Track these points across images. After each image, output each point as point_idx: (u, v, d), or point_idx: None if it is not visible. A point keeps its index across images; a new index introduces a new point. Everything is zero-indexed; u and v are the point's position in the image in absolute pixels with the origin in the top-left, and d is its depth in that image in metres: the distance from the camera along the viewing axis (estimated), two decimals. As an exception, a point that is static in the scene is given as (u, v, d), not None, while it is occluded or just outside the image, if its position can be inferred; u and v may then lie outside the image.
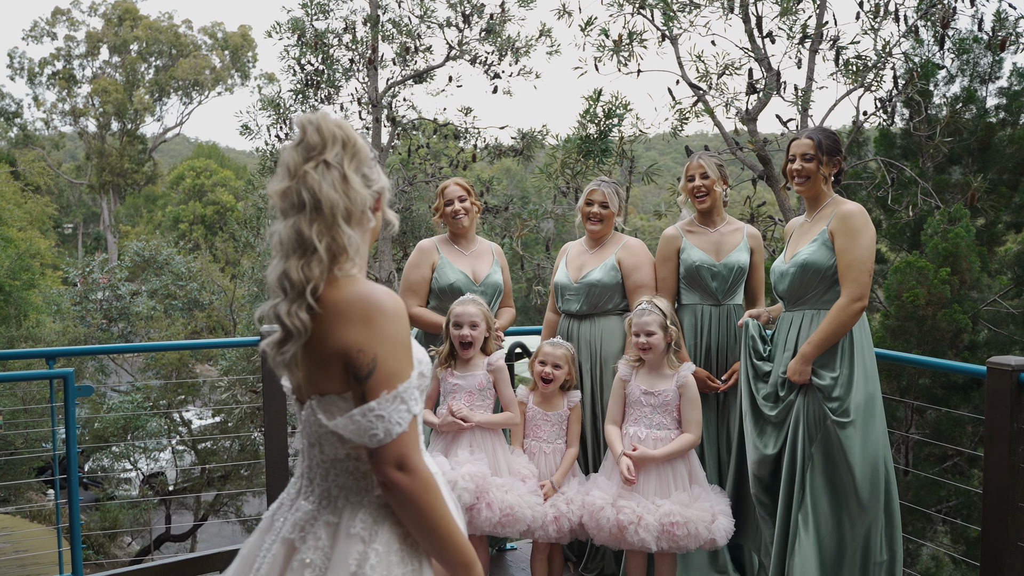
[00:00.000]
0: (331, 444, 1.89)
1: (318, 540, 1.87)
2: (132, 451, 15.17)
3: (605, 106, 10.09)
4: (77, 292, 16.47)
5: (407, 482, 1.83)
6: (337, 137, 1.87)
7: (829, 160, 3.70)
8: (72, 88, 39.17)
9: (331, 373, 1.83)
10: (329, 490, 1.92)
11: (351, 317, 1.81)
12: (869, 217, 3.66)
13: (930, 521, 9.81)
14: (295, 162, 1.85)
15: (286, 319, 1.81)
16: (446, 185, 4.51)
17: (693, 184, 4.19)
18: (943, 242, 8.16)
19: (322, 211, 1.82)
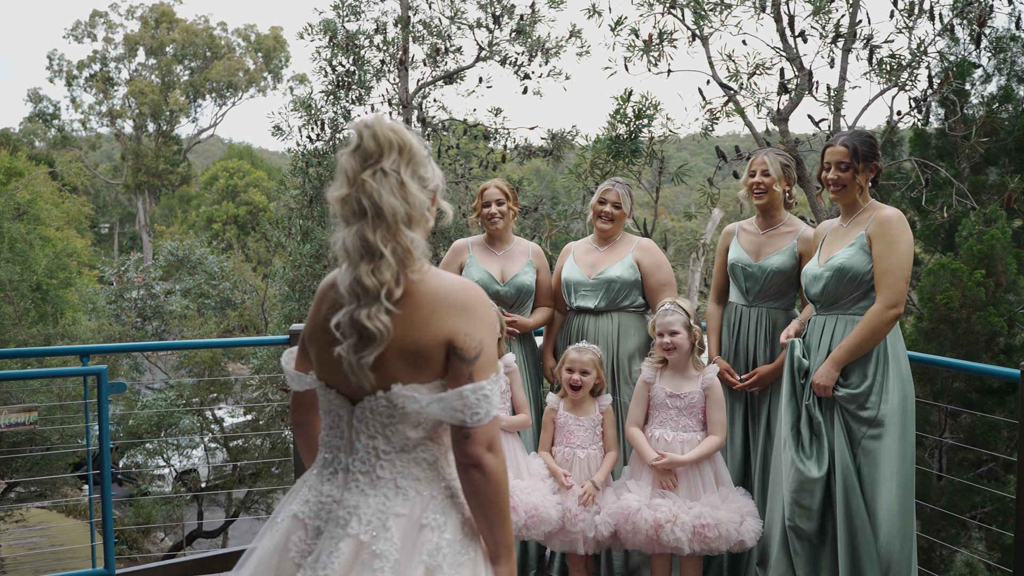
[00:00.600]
0: (399, 434, 1.96)
1: (390, 532, 1.91)
2: (165, 448, 15.37)
3: (635, 106, 10.05)
4: (112, 291, 16.74)
5: (494, 463, 1.93)
6: (393, 143, 1.92)
7: (865, 167, 3.63)
8: (109, 90, 39.77)
9: (428, 361, 1.92)
10: (396, 481, 1.96)
11: (453, 306, 1.92)
12: (907, 223, 3.60)
13: (964, 527, 9.66)
14: (353, 169, 1.91)
15: (367, 323, 1.87)
16: (487, 186, 4.51)
17: (753, 180, 4.15)
18: (978, 244, 8.03)
19: (384, 218, 1.89)
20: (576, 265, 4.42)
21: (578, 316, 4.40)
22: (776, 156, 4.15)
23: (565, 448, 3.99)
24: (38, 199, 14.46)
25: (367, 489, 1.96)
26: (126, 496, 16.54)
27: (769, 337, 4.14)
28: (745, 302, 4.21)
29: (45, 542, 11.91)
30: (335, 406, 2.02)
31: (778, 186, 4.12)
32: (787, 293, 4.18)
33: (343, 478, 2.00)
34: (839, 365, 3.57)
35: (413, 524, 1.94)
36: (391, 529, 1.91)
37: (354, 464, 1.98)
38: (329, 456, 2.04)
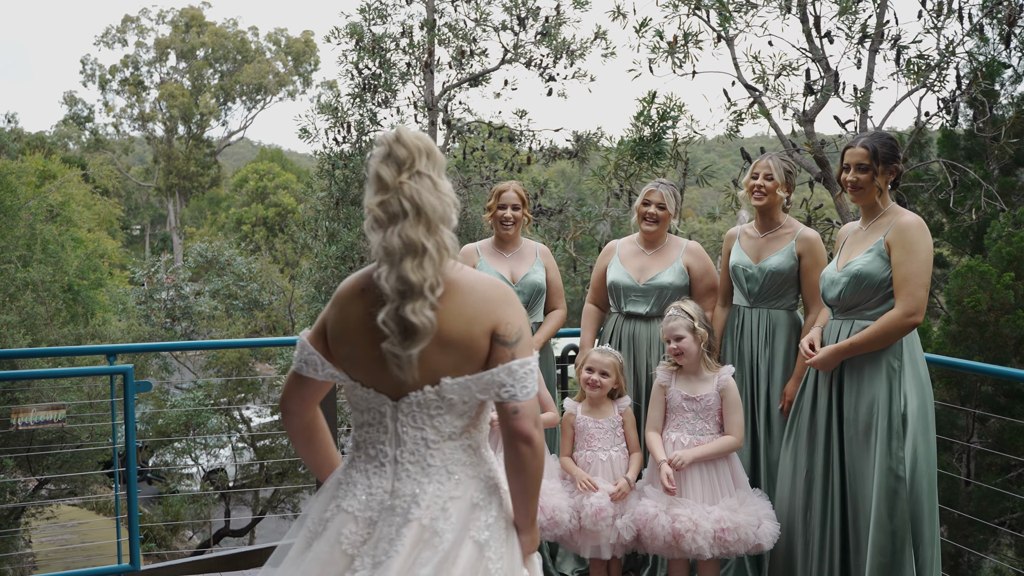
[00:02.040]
0: (447, 423, 2.11)
1: (447, 514, 2.08)
2: (193, 447, 15.55)
3: (659, 108, 10.04)
4: (142, 292, 16.97)
5: (541, 438, 2.11)
6: (422, 149, 2.08)
7: (885, 169, 3.57)
8: (141, 93, 40.30)
9: (476, 351, 2.07)
10: (447, 467, 2.12)
11: (495, 298, 2.09)
12: (927, 229, 3.56)
13: (993, 533, 9.53)
14: (390, 175, 2.05)
15: (413, 318, 1.99)
16: (504, 189, 4.52)
17: (755, 182, 4.18)
18: (1007, 246, 7.93)
19: (425, 215, 2.03)
20: (624, 268, 4.41)
21: (628, 321, 4.41)
22: (780, 162, 4.18)
23: (587, 452, 3.98)
24: (70, 201, 14.70)
25: (420, 478, 2.10)
26: (155, 495, 16.74)
27: (770, 337, 4.17)
28: (747, 303, 4.25)
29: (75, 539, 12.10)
30: (375, 404, 2.13)
31: (780, 191, 4.15)
32: (787, 293, 4.21)
33: (392, 469, 2.12)
34: (841, 355, 3.55)
35: (467, 505, 2.10)
36: (450, 511, 2.08)
37: (403, 456, 2.12)
38: (372, 451, 2.15)
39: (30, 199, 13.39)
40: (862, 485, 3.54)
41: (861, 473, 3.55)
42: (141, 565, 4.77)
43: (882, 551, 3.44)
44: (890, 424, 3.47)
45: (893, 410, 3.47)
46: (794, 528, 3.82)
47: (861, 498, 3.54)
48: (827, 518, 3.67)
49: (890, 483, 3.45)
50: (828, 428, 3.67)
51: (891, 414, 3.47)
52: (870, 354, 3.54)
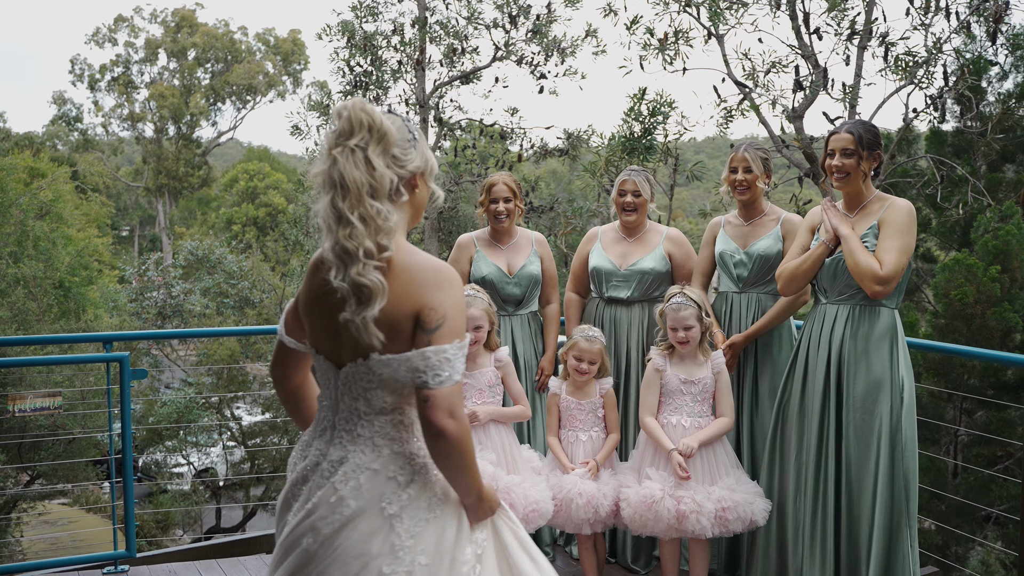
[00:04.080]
0: (378, 397, 2.15)
1: (358, 483, 2.12)
2: (184, 445, 15.54)
3: (649, 104, 10.11)
4: (133, 290, 16.95)
5: (456, 428, 2.07)
6: (364, 123, 2.08)
7: (869, 155, 3.63)
8: (131, 93, 40.16)
9: (399, 332, 2.08)
10: (374, 439, 2.16)
11: (425, 281, 2.08)
12: (915, 214, 3.63)
13: (980, 524, 9.63)
14: (328, 146, 2.09)
15: (361, 279, 2.03)
16: (494, 182, 4.54)
17: (735, 177, 4.22)
18: (993, 240, 8.03)
19: (348, 189, 2.06)
20: (606, 254, 4.47)
21: (609, 306, 4.48)
22: (756, 152, 4.22)
23: (568, 431, 4.09)
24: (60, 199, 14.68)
25: (348, 445, 2.16)
26: (145, 494, 16.71)
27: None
28: (736, 289, 4.30)
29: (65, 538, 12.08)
30: (324, 370, 2.21)
31: (761, 181, 4.20)
32: None
33: (330, 435, 2.21)
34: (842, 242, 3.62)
35: (383, 478, 2.13)
36: (361, 480, 2.11)
37: (339, 423, 2.19)
38: (321, 415, 2.26)
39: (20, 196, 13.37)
40: (863, 465, 3.59)
41: (862, 453, 3.60)
42: (137, 552, 4.79)
43: (886, 525, 3.53)
44: (891, 402, 3.54)
45: (895, 389, 3.54)
46: (784, 510, 3.88)
47: (862, 476, 3.59)
48: (819, 498, 3.72)
49: (895, 458, 3.53)
50: (824, 409, 3.72)
51: (892, 393, 3.54)
52: (873, 334, 3.60)
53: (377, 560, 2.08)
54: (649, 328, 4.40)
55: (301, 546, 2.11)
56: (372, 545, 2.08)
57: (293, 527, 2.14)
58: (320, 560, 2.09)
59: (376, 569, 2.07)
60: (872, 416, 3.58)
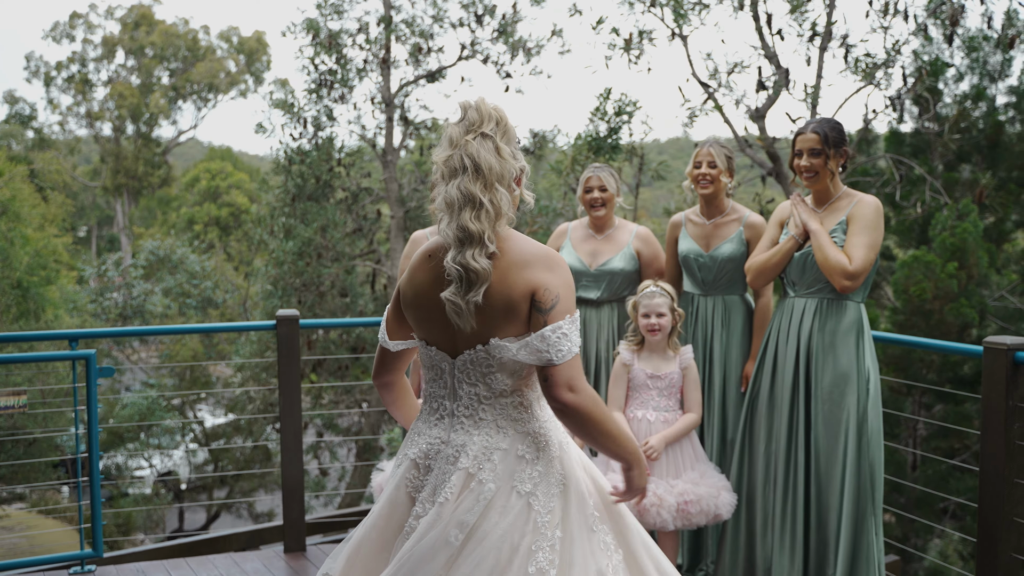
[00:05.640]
0: (498, 380, 2.26)
1: (493, 465, 2.23)
2: (146, 448, 15.34)
3: (615, 104, 10.19)
4: (93, 290, 16.67)
5: (576, 400, 2.17)
6: (492, 116, 2.25)
7: (836, 152, 3.69)
8: (88, 91, 39.49)
9: (516, 315, 2.20)
10: (497, 421, 2.27)
11: (537, 264, 2.19)
12: (882, 210, 3.70)
13: (939, 516, 9.83)
14: (458, 134, 2.23)
15: (472, 263, 2.14)
16: None
17: (699, 171, 4.23)
18: (951, 237, 8.21)
19: (482, 172, 2.19)
20: (576, 253, 4.44)
21: (578, 307, 4.41)
22: (720, 148, 4.23)
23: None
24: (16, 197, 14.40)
25: (471, 429, 2.27)
26: (106, 497, 16.47)
27: (727, 321, 4.26)
28: (700, 291, 4.32)
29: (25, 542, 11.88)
30: (437, 361, 2.31)
31: (724, 176, 4.21)
32: (740, 279, 4.27)
33: (449, 422, 2.31)
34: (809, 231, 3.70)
35: (512, 457, 2.24)
36: (494, 460, 2.23)
37: (458, 409, 2.30)
38: (435, 404, 2.35)
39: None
40: (831, 455, 3.67)
41: (830, 444, 3.67)
42: (103, 552, 4.74)
43: (853, 514, 3.61)
44: (858, 393, 3.63)
45: (861, 381, 3.63)
46: (754, 501, 3.95)
47: (831, 467, 3.66)
48: (789, 489, 3.79)
49: (862, 448, 3.62)
50: (793, 401, 3.79)
51: (859, 385, 3.63)
52: (840, 327, 3.68)
53: (524, 540, 2.16)
54: (619, 328, 4.38)
55: (446, 540, 2.16)
56: (516, 525, 2.17)
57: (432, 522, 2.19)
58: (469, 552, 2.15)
59: (525, 548, 2.16)
60: (839, 408, 3.65)
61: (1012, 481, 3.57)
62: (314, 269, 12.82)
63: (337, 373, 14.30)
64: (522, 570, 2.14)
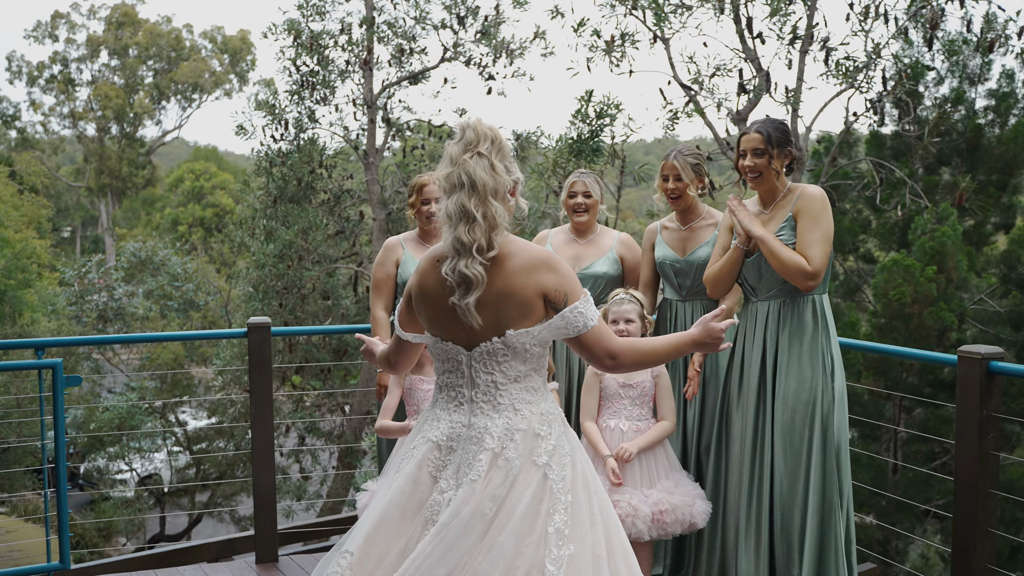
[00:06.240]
0: (512, 368, 2.54)
1: (516, 443, 2.50)
2: (127, 452, 15.20)
3: (597, 106, 10.15)
4: (73, 293, 16.50)
5: (615, 365, 2.55)
6: (488, 135, 2.50)
7: (780, 152, 3.65)
8: (71, 91, 39.18)
9: (532, 311, 2.50)
10: (514, 404, 2.54)
11: (541, 268, 2.49)
12: (829, 203, 3.67)
13: (919, 519, 9.85)
14: (456, 153, 2.49)
15: (466, 271, 2.42)
16: (425, 183, 4.41)
17: (667, 185, 4.18)
18: (930, 241, 8.22)
19: (476, 188, 2.44)
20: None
21: None
22: (685, 159, 4.16)
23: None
24: (-3, 200, 14.26)
25: (491, 413, 2.54)
26: (87, 501, 16.31)
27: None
28: (679, 297, 4.29)
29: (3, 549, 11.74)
30: (452, 353, 2.57)
31: (692, 189, 4.16)
32: None
33: (469, 408, 2.57)
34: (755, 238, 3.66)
35: (531, 435, 2.51)
36: (516, 439, 2.50)
37: (477, 395, 2.56)
38: (452, 393, 2.61)
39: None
40: (797, 454, 3.62)
41: (796, 442, 3.63)
42: (71, 564, 4.66)
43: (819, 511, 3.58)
44: (823, 389, 3.59)
45: (826, 377, 3.60)
46: (728, 509, 3.91)
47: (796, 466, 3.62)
48: (753, 490, 3.75)
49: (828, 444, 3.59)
50: (759, 403, 3.75)
51: (824, 381, 3.60)
52: (804, 325, 3.64)
53: (543, 504, 2.45)
54: None
55: (481, 512, 2.42)
56: (536, 494, 2.45)
57: (466, 497, 2.44)
58: (501, 522, 2.42)
59: (544, 512, 2.45)
60: (805, 407, 3.61)
61: (986, 491, 3.55)
62: (295, 272, 12.73)
63: (320, 376, 14.21)
64: (543, 530, 2.43)
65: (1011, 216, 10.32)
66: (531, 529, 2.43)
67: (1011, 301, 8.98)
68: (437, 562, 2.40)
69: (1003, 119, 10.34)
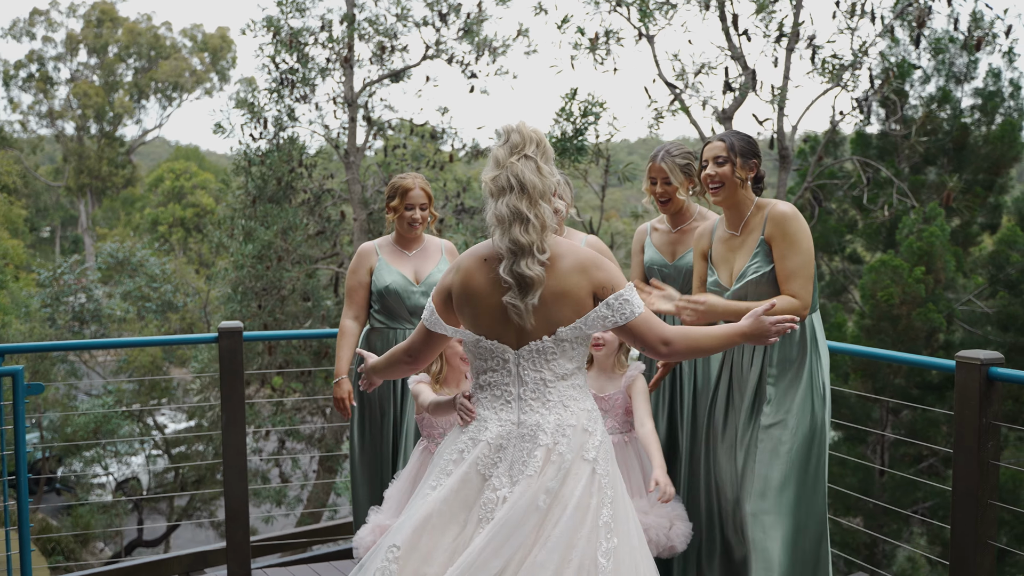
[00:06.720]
0: (559, 366, 2.59)
1: (568, 438, 2.56)
2: (104, 456, 14.93)
3: (581, 105, 10.00)
4: (48, 294, 16.18)
5: (670, 350, 2.60)
6: (533, 138, 2.58)
7: (744, 163, 3.40)
8: (49, 90, 38.72)
9: (583, 308, 2.56)
10: (563, 401, 2.60)
11: (589, 265, 2.56)
12: (801, 216, 3.42)
13: (906, 522, 9.77)
14: (503, 156, 2.56)
15: (527, 271, 2.47)
16: (409, 187, 4.16)
17: (655, 189, 3.95)
18: (918, 241, 8.12)
19: (527, 191, 2.51)
20: None
21: None
22: (674, 160, 3.90)
23: None
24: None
25: (541, 410, 2.58)
26: (64, 505, 16.04)
27: None
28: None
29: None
30: (497, 352, 2.60)
31: (681, 192, 3.90)
32: None
33: (517, 405, 2.61)
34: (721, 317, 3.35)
35: (580, 430, 2.58)
36: (568, 435, 2.56)
37: (525, 393, 2.60)
38: (497, 392, 2.64)
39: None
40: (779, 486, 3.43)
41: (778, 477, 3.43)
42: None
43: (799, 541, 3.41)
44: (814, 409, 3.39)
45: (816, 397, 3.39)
46: (713, 531, 3.74)
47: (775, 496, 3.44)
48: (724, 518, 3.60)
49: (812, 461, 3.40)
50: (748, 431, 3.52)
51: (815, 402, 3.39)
52: (794, 346, 3.42)
53: (593, 499, 2.52)
54: None
55: (536, 505, 2.48)
56: (586, 488, 2.52)
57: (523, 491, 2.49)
58: (555, 515, 2.48)
59: (595, 506, 2.51)
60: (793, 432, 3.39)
61: (986, 503, 3.41)
62: (275, 273, 12.51)
63: (301, 377, 14.00)
64: (594, 524, 2.50)
65: (997, 216, 10.27)
66: (583, 522, 2.49)
67: (999, 302, 8.89)
68: (493, 554, 2.45)
69: (989, 118, 10.27)
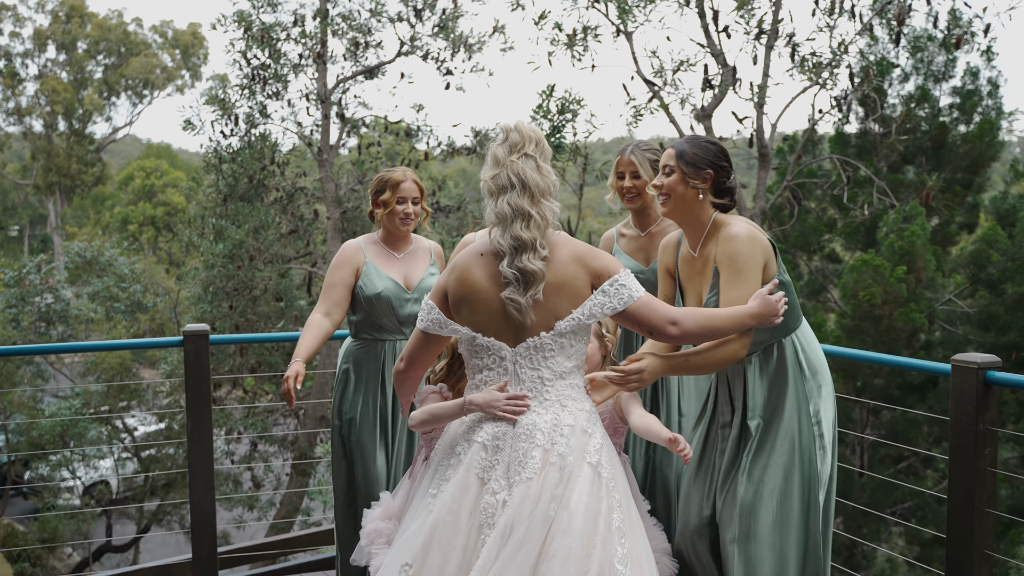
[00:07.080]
0: (558, 363, 2.56)
1: (566, 438, 2.51)
2: (71, 459, 14.58)
3: (558, 102, 9.85)
4: (14, 294, 15.78)
5: (678, 331, 2.59)
6: (532, 137, 2.60)
7: (695, 173, 3.01)
8: (17, 87, 38.04)
9: (582, 296, 2.55)
10: (561, 400, 2.56)
11: (585, 256, 2.57)
12: (757, 239, 3.01)
13: (885, 523, 9.72)
14: (503, 155, 2.58)
15: (530, 265, 2.48)
16: (400, 179, 3.82)
17: (623, 184, 3.68)
18: (899, 240, 8.05)
19: (528, 188, 2.53)
20: None
21: None
22: (644, 154, 3.66)
23: None
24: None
25: (538, 409, 2.54)
26: (31, 511, 15.67)
27: None
28: None
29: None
30: (494, 349, 2.57)
31: (650, 188, 3.44)
32: None
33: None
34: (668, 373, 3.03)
35: (579, 432, 2.54)
36: (566, 434, 2.51)
37: (521, 392, 2.56)
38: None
39: None
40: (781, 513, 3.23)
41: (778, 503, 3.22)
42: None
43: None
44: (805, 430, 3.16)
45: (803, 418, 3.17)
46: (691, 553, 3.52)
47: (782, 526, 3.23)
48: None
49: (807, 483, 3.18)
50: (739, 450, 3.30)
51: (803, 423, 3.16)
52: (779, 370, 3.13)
53: (602, 505, 2.46)
54: None
55: (547, 514, 2.42)
56: (593, 494, 2.46)
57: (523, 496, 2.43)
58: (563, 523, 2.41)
59: (605, 511, 2.46)
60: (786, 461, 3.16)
61: (983, 511, 3.29)
62: (246, 272, 12.25)
63: (273, 379, 13.74)
64: (607, 530, 2.45)
65: (976, 215, 10.24)
66: (595, 529, 2.44)
67: (979, 301, 8.85)
68: (505, 567, 2.38)
69: (968, 117, 10.25)
